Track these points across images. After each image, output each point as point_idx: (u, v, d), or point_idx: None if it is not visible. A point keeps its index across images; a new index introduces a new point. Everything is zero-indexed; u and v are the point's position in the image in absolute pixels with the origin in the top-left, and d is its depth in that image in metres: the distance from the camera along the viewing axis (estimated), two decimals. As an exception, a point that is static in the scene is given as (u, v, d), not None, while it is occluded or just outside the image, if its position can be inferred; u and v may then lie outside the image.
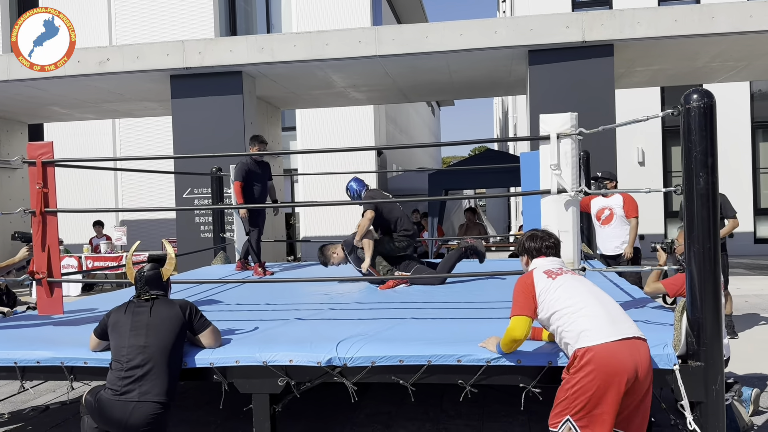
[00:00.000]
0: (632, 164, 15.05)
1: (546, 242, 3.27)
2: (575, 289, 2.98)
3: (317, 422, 4.41)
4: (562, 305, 2.94)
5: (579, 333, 2.83)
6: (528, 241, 3.31)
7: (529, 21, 9.40)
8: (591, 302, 2.92)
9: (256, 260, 6.86)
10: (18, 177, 13.92)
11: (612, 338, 2.77)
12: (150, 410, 3.23)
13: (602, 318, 2.85)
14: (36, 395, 5.25)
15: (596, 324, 2.82)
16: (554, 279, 3.04)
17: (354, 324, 3.96)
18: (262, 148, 6.69)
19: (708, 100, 3.04)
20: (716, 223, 3.05)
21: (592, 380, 2.73)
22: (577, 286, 3.01)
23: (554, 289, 3.00)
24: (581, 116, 3.92)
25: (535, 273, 3.11)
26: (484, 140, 5.00)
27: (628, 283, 5.36)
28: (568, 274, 3.11)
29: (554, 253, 3.28)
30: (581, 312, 2.88)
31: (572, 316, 2.89)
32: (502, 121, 33.79)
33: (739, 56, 10.22)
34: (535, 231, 3.41)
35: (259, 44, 10.01)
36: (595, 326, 2.81)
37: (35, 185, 4.31)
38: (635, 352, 2.77)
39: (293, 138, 16.72)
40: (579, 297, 2.94)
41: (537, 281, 3.06)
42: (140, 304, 3.53)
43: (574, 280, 3.06)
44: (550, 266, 3.14)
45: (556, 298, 2.97)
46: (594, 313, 2.87)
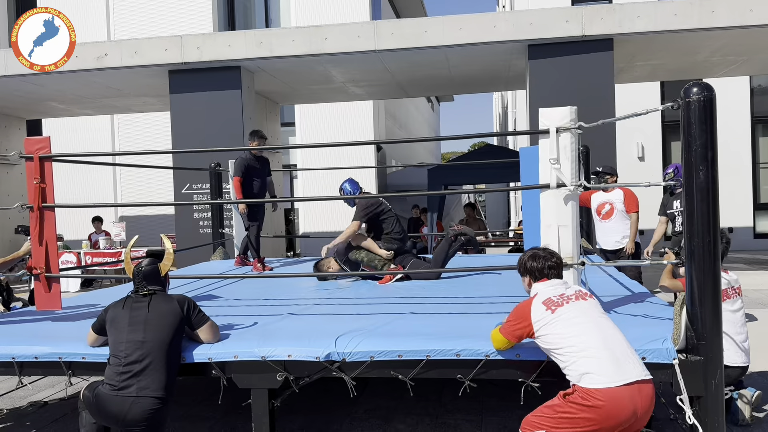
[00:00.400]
0: (632, 159, 15.03)
1: (548, 262, 3.19)
2: (577, 326, 2.89)
3: (316, 417, 4.41)
4: (563, 344, 2.87)
5: (581, 375, 2.79)
6: (530, 261, 3.22)
7: (529, 15, 9.37)
8: (594, 341, 2.83)
9: (255, 255, 6.85)
10: (17, 173, 13.90)
11: (615, 383, 2.72)
12: (148, 405, 3.22)
13: (605, 360, 2.77)
14: (34, 391, 5.24)
15: (599, 367, 2.75)
16: (553, 312, 2.95)
17: (353, 319, 3.95)
18: (261, 143, 6.67)
19: (708, 93, 3.03)
20: (716, 217, 3.04)
21: (586, 422, 2.74)
22: (579, 321, 2.91)
23: (553, 323, 2.93)
24: (581, 111, 3.90)
25: (534, 303, 3.03)
26: (484, 134, 4.99)
27: (627, 278, 5.36)
28: (570, 302, 3.00)
29: (557, 274, 3.20)
30: (583, 353, 2.81)
31: (574, 356, 2.83)
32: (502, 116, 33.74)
33: (740, 51, 10.20)
34: (537, 250, 3.31)
35: (257, 39, 9.97)
36: (597, 369, 2.75)
37: (32, 180, 4.30)
38: (636, 396, 2.73)
39: (292, 133, 16.70)
40: (581, 336, 2.85)
41: (534, 311, 3.00)
42: (138, 300, 3.52)
43: (575, 311, 2.95)
44: (552, 293, 3.05)
45: (555, 333, 2.91)
46: (597, 354, 2.79)
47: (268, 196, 7.04)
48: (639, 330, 3.33)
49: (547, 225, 3.77)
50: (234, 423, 4.35)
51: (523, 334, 3.04)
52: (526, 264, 3.24)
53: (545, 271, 3.18)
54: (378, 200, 5.92)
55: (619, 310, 3.91)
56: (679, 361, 3.06)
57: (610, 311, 3.88)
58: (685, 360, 3.07)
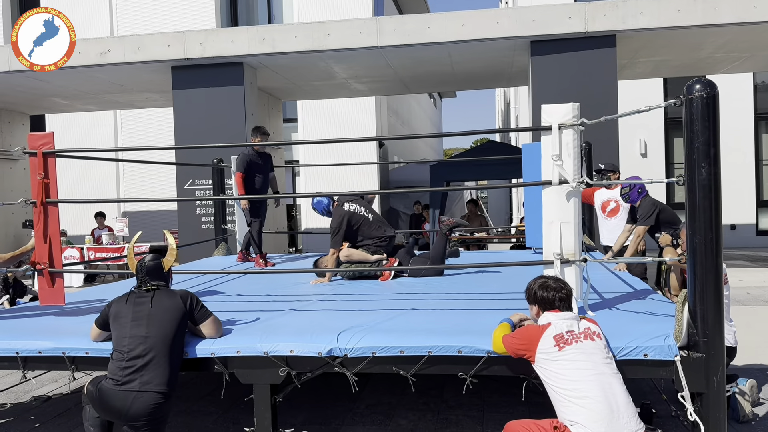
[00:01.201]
0: (635, 156, 15.02)
1: (559, 294, 3.13)
2: (579, 371, 2.86)
3: (318, 412, 4.42)
4: (561, 385, 2.87)
5: (571, 422, 2.80)
6: (540, 290, 3.16)
7: (532, 11, 9.35)
8: (592, 392, 2.80)
9: (257, 251, 6.86)
10: (20, 168, 13.93)
11: None
12: (151, 400, 3.23)
13: (599, 414, 2.75)
14: (38, 385, 5.27)
15: (589, 421, 2.75)
16: (560, 349, 2.92)
17: (355, 315, 3.96)
18: (263, 139, 6.67)
19: (711, 90, 3.02)
20: (718, 213, 3.03)
21: None
22: (582, 366, 2.87)
23: (557, 360, 2.91)
24: (583, 107, 3.90)
25: (545, 335, 2.99)
26: (486, 131, 4.98)
27: (629, 275, 5.36)
28: (578, 342, 2.95)
29: (567, 306, 3.14)
30: (578, 401, 2.80)
31: (568, 401, 2.83)
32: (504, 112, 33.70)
33: (743, 47, 10.17)
34: (547, 280, 3.23)
35: (260, 35, 9.97)
36: (587, 422, 2.75)
37: (36, 176, 4.31)
38: None
39: (294, 130, 16.70)
40: (580, 383, 2.83)
41: (542, 342, 2.97)
42: (141, 295, 3.53)
43: (581, 354, 2.91)
44: (562, 329, 3.00)
45: (556, 372, 2.90)
46: (591, 406, 2.77)
47: (270, 192, 7.04)
48: (641, 326, 3.33)
49: (550, 221, 3.77)
50: (236, 418, 4.37)
51: (524, 355, 3.04)
52: (536, 293, 3.18)
53: (555, 303, 3.13)
54: (343, 212, 5.65)
55: (621, 307, 3.91)
56: (681, 358, 3.06)
57: (612, 308, 3.89)
58: (687, 357, 3.07)
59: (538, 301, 3.18)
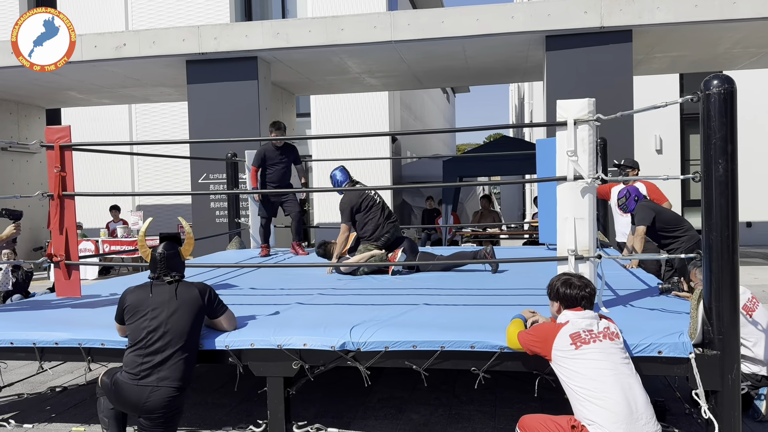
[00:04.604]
0: (650, 152, 14.88)
1: (582, 292, 3.07)
2: (598, 370, 2.83)
3: (330, 406, 4.44)
4: (580, 383, 2.84)
5: (589, 421, 2.78)
6: (563, 288, 3.11)
7: (547, 6, 9.29)
8: (613, 393, 2.77)
9: (263, 241, 6.97)
10: (36, 161, 14.07)
11: None
12: (166, 394, 3.26)
13: (620, 416, 2.72)
14: (54, 376, 5.33)
15: (611, 423, 2.72)
16: (577, 348, 2.89)
17: (367, 309, 3.97)
18: (278, 134, 6.71)
19: (728, 86, 3.00)
20: (735, 210, 3.01)
21: None
22: (601, 366, 2.84)
23: (574, 359, 2.88)
24: (599, 103, 3.87)
25: (562, 332, 2.96)
26: (500, 126, 4.96)
27: (644, 272, 5.33)
28: (597, 342, 2.92)
29: (589, 305, 3.09)
30: (600, 402, 2.77)
31: (586, 400, 2.81)
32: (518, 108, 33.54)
33: (761, 42, 10.04)
34: (570, 277, 3.18)
35: (274, 30, 9.99)
36: (605, 423, 2.73)
37: (53, 169, 4.35)
38: None
39: (308, 124, 16.72)
40: (599, 382, 2.80)
41: (558, 340, 2.95)
42: (160, 285, 3.51)
43: (600, 353, 2.87)
44: (580, 328, 2.96)
45: (574, 371, 2.87)
46: (610, 407, 2.74)
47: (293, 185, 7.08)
48: (655, 323, 3.32)
49: (564, 218, 3.76)
50: (250, 410, 4.40)
51: (539, 353, 3.03)
52: (558, 290, 3.13)
53: (579, 301, 3.08)
54: (358, 193, 5.75)
55: (635, 304, 3.89)
56: (696, 356, 3.04)
57: (627, 305, 3.87)
58: (702, 354, 3.05)
59: (560, 298, 3.14)
